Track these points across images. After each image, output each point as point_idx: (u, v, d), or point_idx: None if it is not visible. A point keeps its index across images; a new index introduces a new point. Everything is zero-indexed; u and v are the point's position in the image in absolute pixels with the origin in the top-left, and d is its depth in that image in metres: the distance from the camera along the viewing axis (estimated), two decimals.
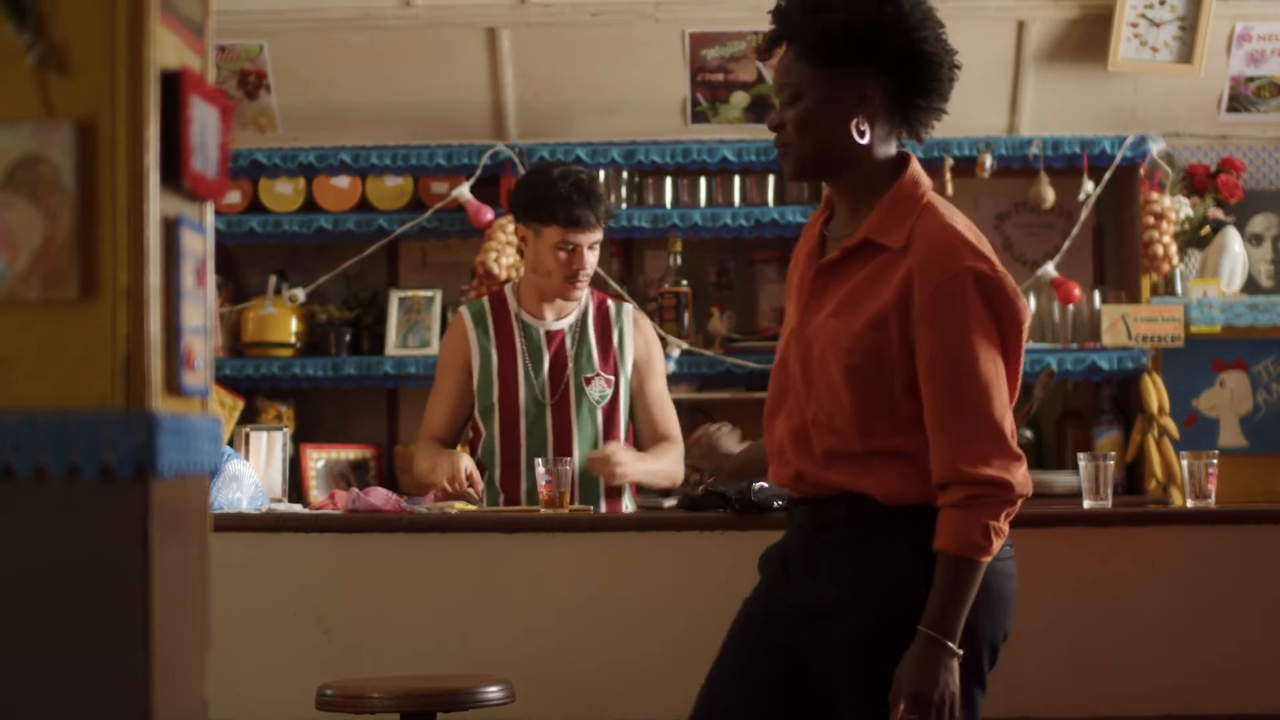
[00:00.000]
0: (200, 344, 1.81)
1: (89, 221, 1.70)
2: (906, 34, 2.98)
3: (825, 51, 2.98)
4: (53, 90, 1.72)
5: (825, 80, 3.00)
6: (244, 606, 3.69)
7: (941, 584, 2.95)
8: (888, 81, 3.00)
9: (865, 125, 3.00)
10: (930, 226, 2.99)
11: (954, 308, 2.94)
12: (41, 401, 1.71)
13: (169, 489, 1.74)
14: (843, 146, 3.02)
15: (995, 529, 2.92)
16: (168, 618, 1.75)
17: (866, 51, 2.98)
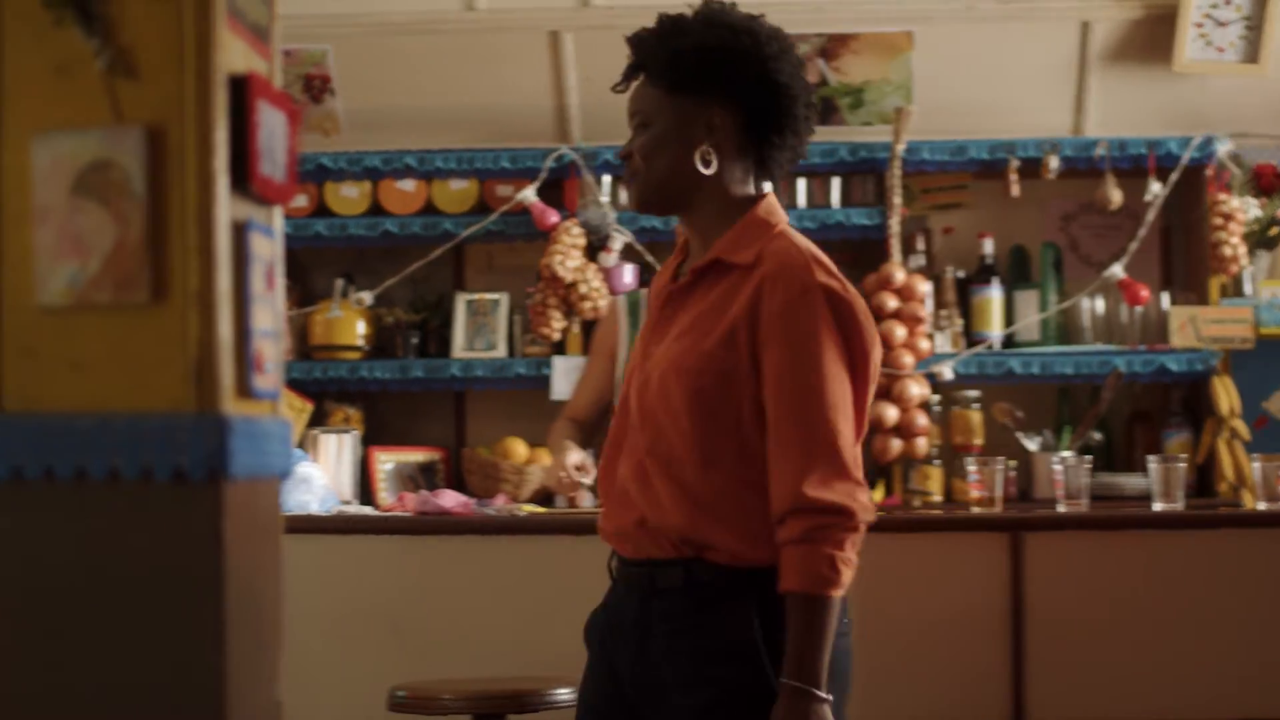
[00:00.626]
0: (270, 347, 1.82)
1: (159, 226, 1.71)
2: (760, 64, 2.88)
3: (674, 77, 2.89)
4: (122, 95, 1.73)
5: (674, 108, 2.91)
6: (315, 608, 3.71)
7: (796, 628, 2.75)
8: (739, 113, 2.89)
9: (711, 155, 2.89)
10: (781, 246, 2.87)
11: (802, 322, 2.80)
12: (115, 405, 1.72)
13: (241, 491, 1.75)
14: (688, 176, 2.90)
15: (843, 559, 2.73)
16: (241, 619, 1.76)
17: (716, 79, 2.88)
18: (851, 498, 2.74)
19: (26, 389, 1.75)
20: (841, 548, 2.73)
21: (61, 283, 1.72)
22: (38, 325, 1.74)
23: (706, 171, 2.89)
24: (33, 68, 1.75)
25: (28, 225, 1.73)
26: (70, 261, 1.72)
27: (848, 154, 6.24)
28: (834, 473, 2.75)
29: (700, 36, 2.88)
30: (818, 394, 2.78)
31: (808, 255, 2.84)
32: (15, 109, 1.75)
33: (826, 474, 2.75)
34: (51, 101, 1.75)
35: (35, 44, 1.75)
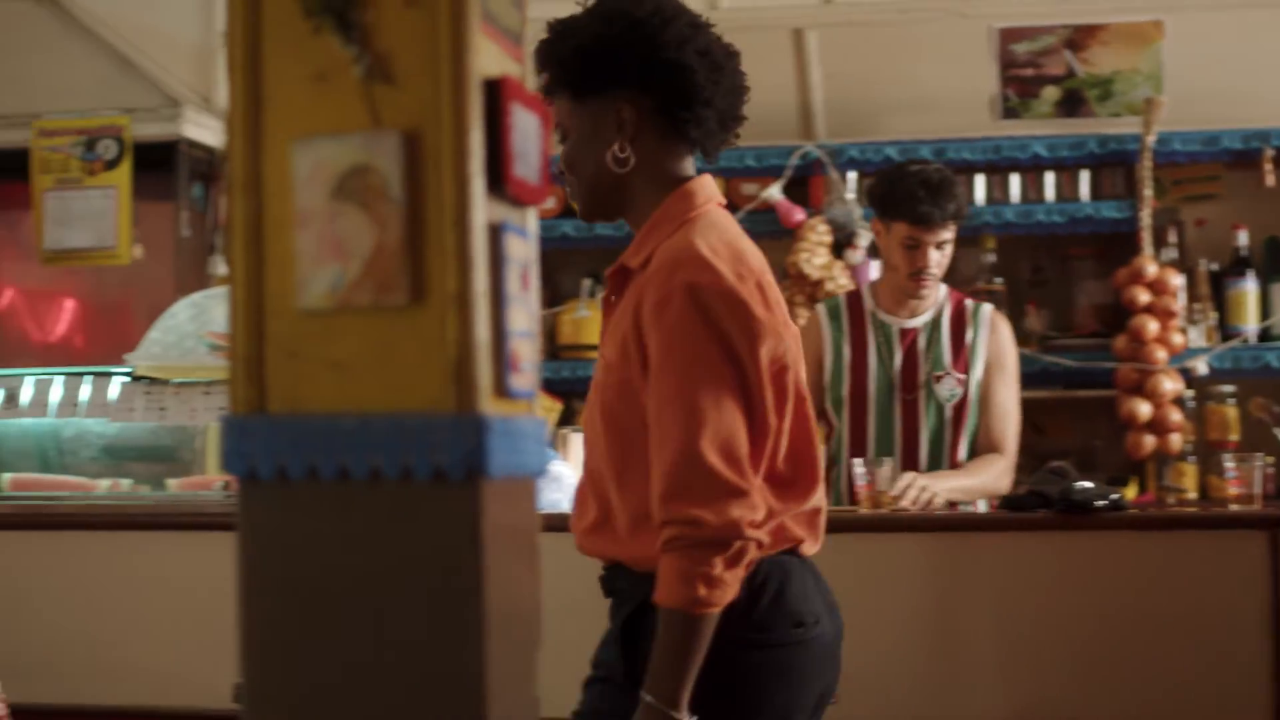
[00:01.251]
0: (526, 347, 1.84)
1: (417, 229, 1.74)
2: (644, 45, 2.78)
3: (571, 82, 2.83)
4: (379, 101, 1.76)
5: (583, 113, 2.85)
6: (566, 605, 3.73)
7: (659, 642, 2.66)
8: (645, 100, 2.80)
9: (626, 151, 2.81)
10: (671, 243, 2.74)
11: (665, 328, 2.67)
12: (375, 405, 1.75)
13: (499, 490, 1.77)
14: (609, 179, 2.83)
15: (709, 577, 2.59)
16: (500, 618, 1.77)
17: (609, 74, 2.80)
18: (710, 508, 2.61)
19: (290, 390, 1.79)
20: (708, 564, 2.61)
21: (323, 286, 1.76)
22: (300, 328, 1.78)
23: (623, 171, 2.82)
24: (292, 75, 1.79)
25: (289, 230, 1.77)
26: (331, 265, 1.75)
27: (1096, 146, 6.15)
28: (692, 482, 2.62)
29: (580, 36, 2.81)
30: (679, 401, 2.64)
31: (689, 250, 2.70)
32: (275, 116, 1.79)
33: (683, 483, 2.63)
34: (311, 108, 1.78)
35: (294, 52, 1.78)
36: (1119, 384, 6.06)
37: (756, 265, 2.77)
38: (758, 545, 2.66)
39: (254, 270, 1.79)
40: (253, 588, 1.80)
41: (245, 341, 1.79)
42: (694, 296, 2.65)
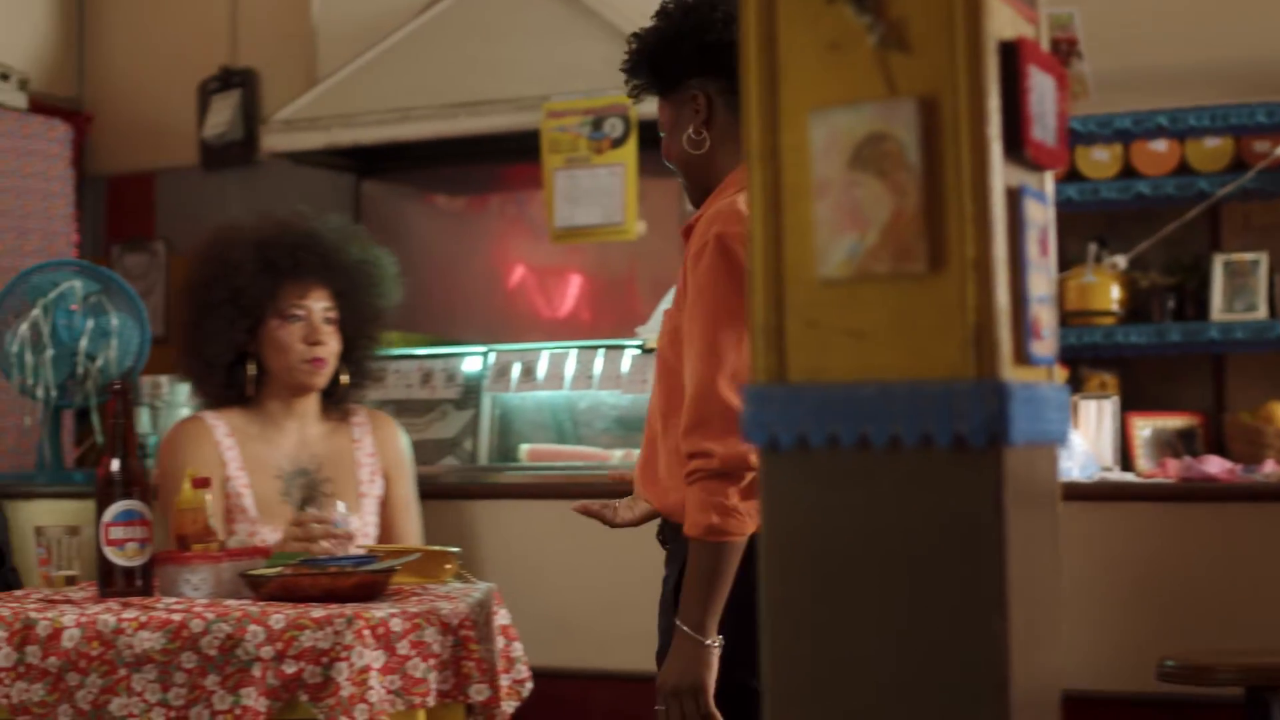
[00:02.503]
0: (1046, 313, 1.81)
1: (935, 196, 1.73)
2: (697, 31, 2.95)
3: (651, 81, 3.07)
4: (894, 69, 1.76)
5: (668, 108, 3.06)
6: (1080, 575, 3.68)
7: (688, 570, 2.83)
8: (714, 83, 2.96)
9: (700, 134, 2.98)
10: (720, 203, 2.87)
11: (698, 276, 2.85)
12: (894, 373, 1.75)
13: (1020, 458, 1.75)
14: (692, 163, 3.01)
15: (723, 507, 2.75)
16: (1022, 585, 1.76)
17: (676, 65, 2.98)
18: (720, 441, 2.74)
19: (810, 359, 1.81)
20: (723, 494, 2.76)
21: (841, 254, 1.77)
22: (819, 296, 1.79)
23: (699, 152, 3.00)
24: (807, 46, 1.80)
25: (808, 199, 1.79)
26: (849, 234, 1.76)
27: None
28: (706, 416, 2.78)
29: (645, 38, 3.03)
30: (700, 343, 2.81)
31: (726, 207, 2.86)
32: (792, 86, 1.81)
33: (698, 418, 2.79)
34: (826, 78, 1.79)
35: (809, 23, 1.80)
36: None
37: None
38: None
39: (773, 240, 1.81)
40: (774, 553, 1.83)
41: (765, 311, 1.82)
42: (722, 245, 2.82)
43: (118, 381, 3.24)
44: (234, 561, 3.27)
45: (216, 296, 3.99)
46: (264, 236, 4.06)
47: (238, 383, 4.02)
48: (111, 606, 3.11)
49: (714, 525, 2.77)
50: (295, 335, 3.98)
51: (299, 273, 4.01)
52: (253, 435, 4.02)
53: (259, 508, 3.91)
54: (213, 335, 4.00)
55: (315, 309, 4.01)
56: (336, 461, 4.07)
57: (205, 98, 7.25)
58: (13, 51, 6.95)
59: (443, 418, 5.33)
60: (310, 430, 4.09)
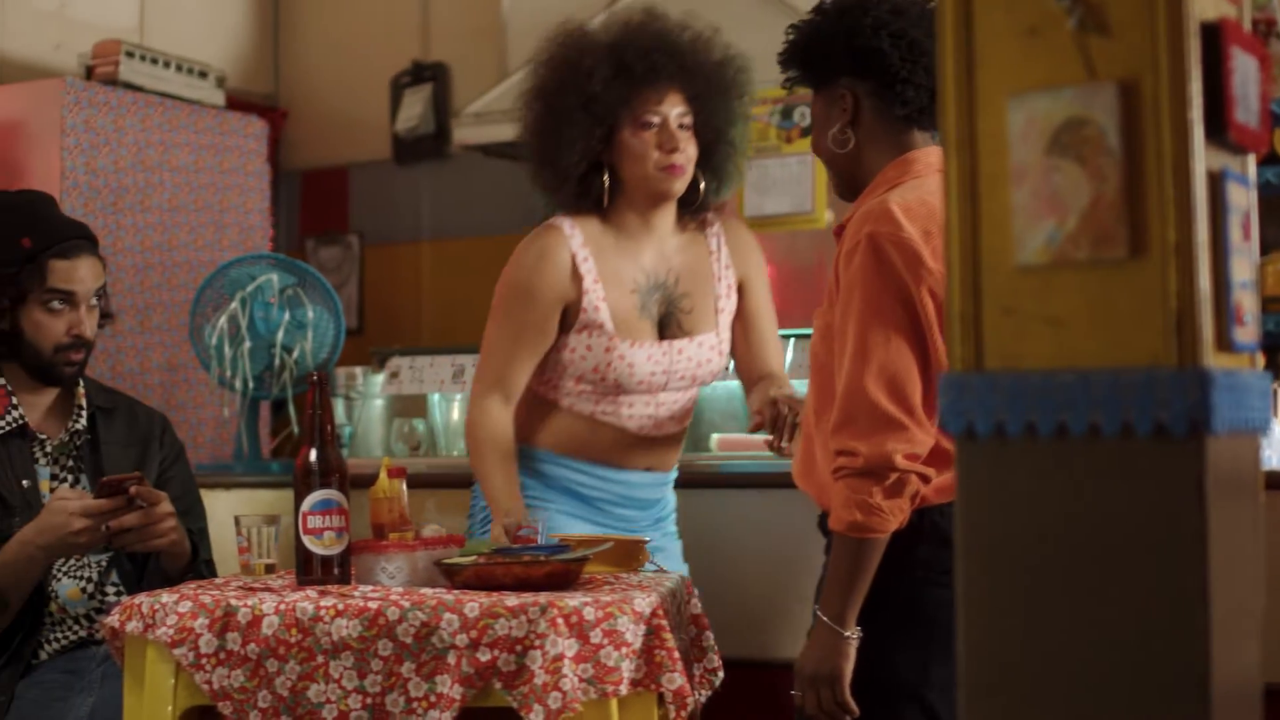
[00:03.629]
0: (1249, 299, 1.78)
1: (1135, 180, 1.71)
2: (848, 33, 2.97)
3: (803, 78, 3.09)
4: (1094, 52, 1.74)
5: (818, 102, 3.09)
6: None
7: (830, 562, 2.89)
8: (863, 84, 2.98)
9: (845, 133, 3.00)
10: (872, 203, 2.87)
11: (850, 275, 2.87)
12: (1093, 361, 1.73)
13: (1223, 446, 1.72)
14: (840, 160, 3.05)
15: (866, 505, 2.79)
16: (1224, 577, 1.73)
17: (828, 62, 3.00)
18: (866, 440, 2.80)
19: (1007, 346, 1.79)
20: (863, 491, 2.80)
21: (1039, 241, 1.75)
22: (1016, 284, 1.78)
23: (844, 151, 3.02)
24: (1004, 30, 1.79)
25: (1005, 186, 1.77)
26: (1047, 220, 1.74)
27: None
28: (854, 414, 2.82)
29: (801, 32, 3.06)
30: (851, 343, 2.84)
31: (879, 208, 2.87)
32: (989, 72, 1.80)
33: (846, 416, 2.83)
34: (1023, 63, 1.78)
35: (1006, 8, 1.78)
36: None
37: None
38: (921, 479, 2.85)
39: (970, 227, 1.80)
40: (972, 543, 1.82)
41: (962, 299, 1.80)
42: (873, 244, 2.84)
43: (314, 373, 3.29)
44: (429, 550, 3.31)
45: (568, 103, 3.78)
46: (615, 39, 3.84)
47: (592, 192, 3.81)
48: (309, 594, 3.16)
49: (856, 522, 2.83)
50: (650, 142, 3.77)
51: (653, 77, 3.79)
52: (608, 247, 3.84)
53: (615, 323, 3.80)
54: (566, 143, 3.79)
55: (670, 114, 3.79)
56: (694, 275, 3.93)
57: (397, 92, 7.34)
58: (210, 50, 7.10)
59: None
60: (667, 243, 3.92)
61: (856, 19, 3.01)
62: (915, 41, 3.02)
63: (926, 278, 2.85)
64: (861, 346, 2.83)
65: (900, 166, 3.01)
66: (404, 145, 7.33)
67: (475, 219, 7.33)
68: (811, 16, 3.09)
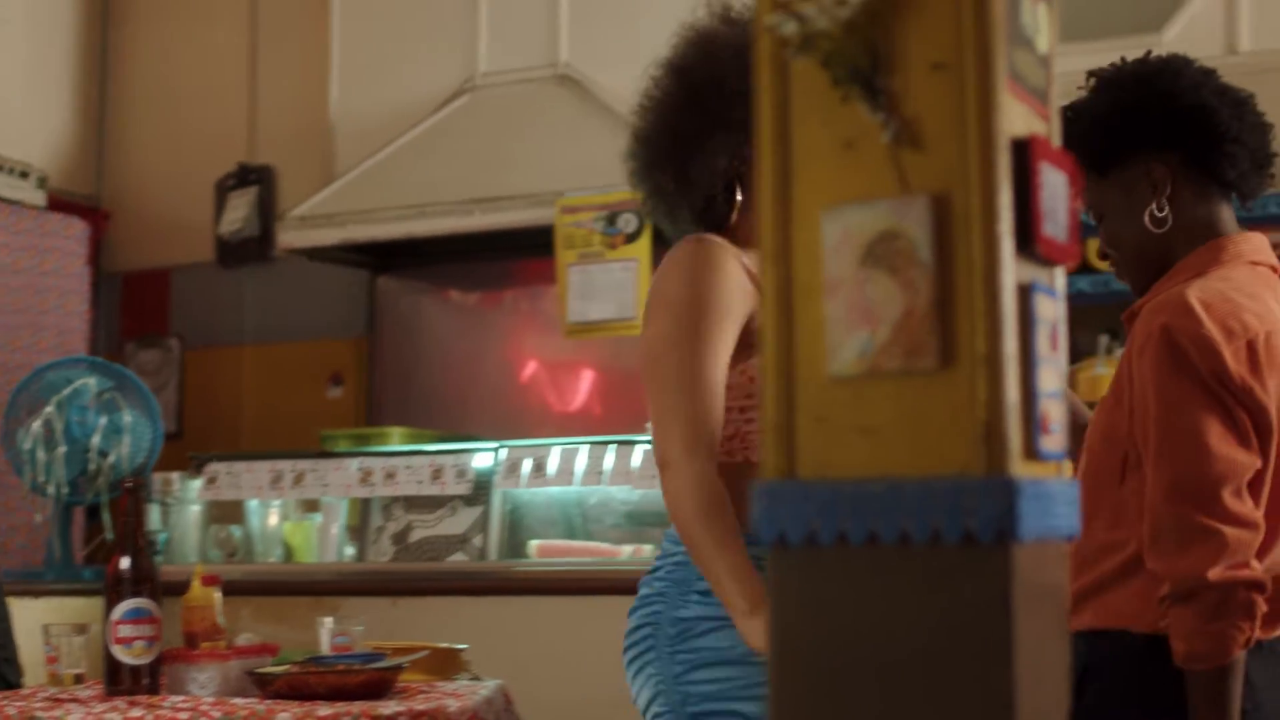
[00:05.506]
0: (1056, 408, 1.81)
1: (945, 292, 1.73)
2: (1164, 99, 2.76)
3: (1096, 157, 2.80)
4: (907, 166, 1.77)
5: (1113, 186, 2.82)
6: None
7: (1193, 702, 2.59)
8: (1172, 155, 2.77)
9: (1164, 209, 2.77)
10: (1170, 293, 2.68)
11: (1142, 371, 2.65)
12: (904, 469, 1.75)
13: (1029, 553, 1.74)
14: (1154, 242, 2.79)
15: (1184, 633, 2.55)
16: (1029, 686, 1.74)
17: (1134, 137, 2.78)
18: (1168, 560, 2.57)
19: (820, 455, 1.80)
20: (1188, 620, 2.55)
21: (852, 351, 1.77)
22: (830, 394, 1.79)
23: (1162, 230, 2.78)
24: (820, 143, 1.81)
25: (820, 297, 1.79)
26: (861, 331, 1.76)
27: None
28: (1158, 538, 2.59)
29: (1095, 110, 2.81)
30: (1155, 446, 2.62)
31: (1176, 298, 2.65)
32: (805, 184, 1.82)
33: (1154, 539, 2.60)
34: (839, 176, 1.80)
35: (823, 121, 1.81)
36: None
37: (1256, 324, 2.69)
38: (1249, 586, 2.57)
39: (785, 338, 1.81)
40: (783, 652, 1.82)
41: (776, 408, 1.81)
42: (1167, 339, 2.64)
43: (130, 479, 3.25)
44: (241, 659, 3.26)
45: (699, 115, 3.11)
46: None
47: (719, 209, 3.13)
48: (118, 705, 3.09)
49: (1196, 653, 2.58)
50: None
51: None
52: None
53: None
54: (706, 156, 3.11)
55: None
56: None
57: (222, 194, 7.30)
58: (32, 149, 7.01)
59: (453, 514, 5.33)
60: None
61: (1170, 81, 2.81)
62: (1238, 98, 2.84)
63: (1230, 381, 2.64)
64: (1162, 454, 2.63)
65: (1210, 251, 2.79)
66: (228, 248, 7.28)
67: (298, 323, 7.29)
68: (1093, 95, 2.87)
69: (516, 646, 4.45)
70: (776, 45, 1.81)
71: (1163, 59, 2.84)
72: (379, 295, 7.24)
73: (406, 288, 7.26)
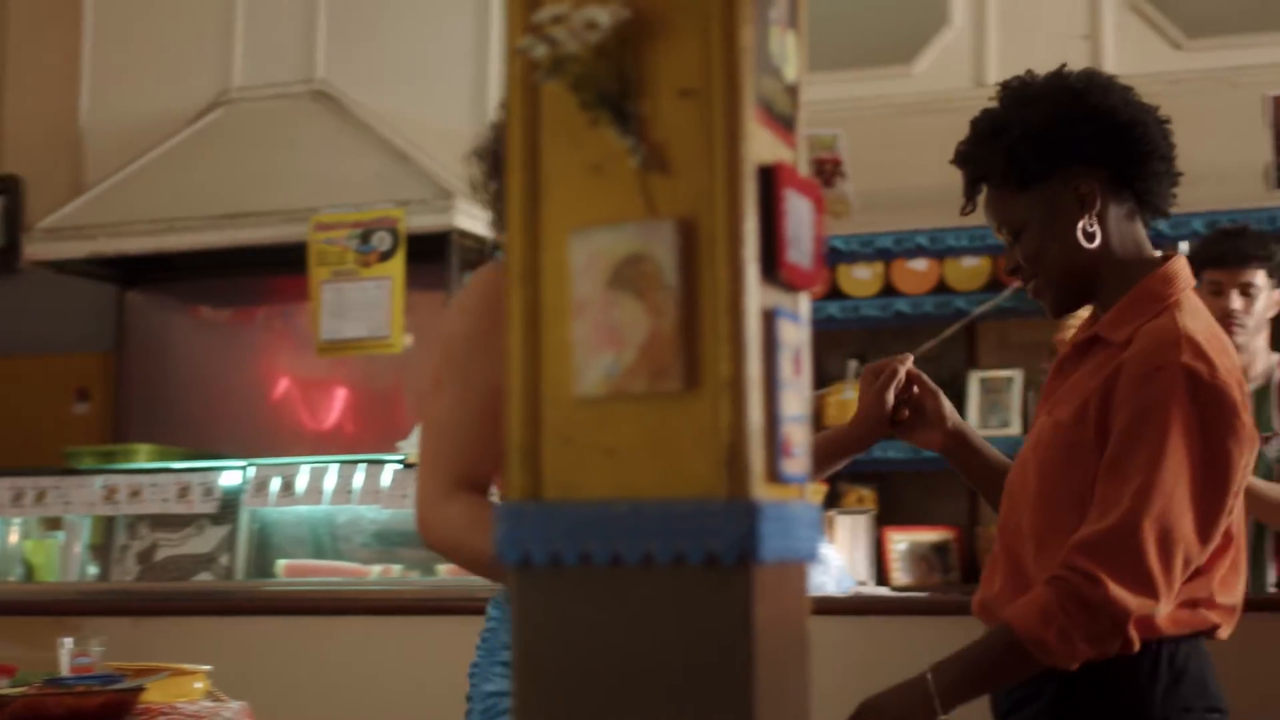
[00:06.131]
0: (799, 432, 1.84)
1: (691, 316, 1.75)
2: (1098, 112, 2.73)
3: (1021, 173, 2.75)
4: (655, 190, 1.78)
5: (1036, 201, 2.77)
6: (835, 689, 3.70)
7: (978, 641, 2.66)
8: (1100, 168, 2.74)
9: (1094, 225, 2.73)
10: (1160, 324, 2.65)
11: (1147, 398, 2.59)
12: (648, 491, 1.76)
13: (770, 575, 1.77)
14: (1083, 259, 2.74)
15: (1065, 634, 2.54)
16: (770, 704, 1.77)
17: (1064, 151, 2.73)
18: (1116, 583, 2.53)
19: (565, 476, 1.81)
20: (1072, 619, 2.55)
21: (598, 374, 1.78)
22: (575, 415, 1.80)
23: (1093, 246, 2.74)
24: (570, 167, 1.82)
25: (567, 318, 1.80)
26: (607, 353, 1.77)
27: None
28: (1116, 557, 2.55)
29: (1025, 123, 2.76)
30: (1141, 477, 2.56)
31: (1181, 334, 2.62)
32: (554, 206, 1.82)
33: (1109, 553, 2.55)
34: (588, 199, 1.81)
35: (573, 144, 1.81)
36: None
37: (1236, 361, 2.71)
38: (1125, 643, 2.58)
39: (531, 359, 1.81)
40: (526, 672, 1.82)
41: (521, 429, 1.81)
42: (1189, 380, 2.59)
43: None
44: None
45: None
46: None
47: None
48: None
49: (1042, 640, 2.58)
50: None
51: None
52: None
53: None
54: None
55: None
56: None
57: None
58: None
59: (199, 532, 5.25)
60: None
61: (1102, 96, 2.77)
62: (1158, 115, 2.80)
63: (1241, 433, 2.62)
64: (1148, 486, 2.56)
65: (1167, 281, 2.76)
66: None
67: (44, 336, 7.13)
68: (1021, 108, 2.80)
69: (262, 667, 4.39)
70: (526, 68, 1.81)
71: (1084, 74, 2.82)
72: (128, 310, 7.10)
73: (156, 303, 7.14)
